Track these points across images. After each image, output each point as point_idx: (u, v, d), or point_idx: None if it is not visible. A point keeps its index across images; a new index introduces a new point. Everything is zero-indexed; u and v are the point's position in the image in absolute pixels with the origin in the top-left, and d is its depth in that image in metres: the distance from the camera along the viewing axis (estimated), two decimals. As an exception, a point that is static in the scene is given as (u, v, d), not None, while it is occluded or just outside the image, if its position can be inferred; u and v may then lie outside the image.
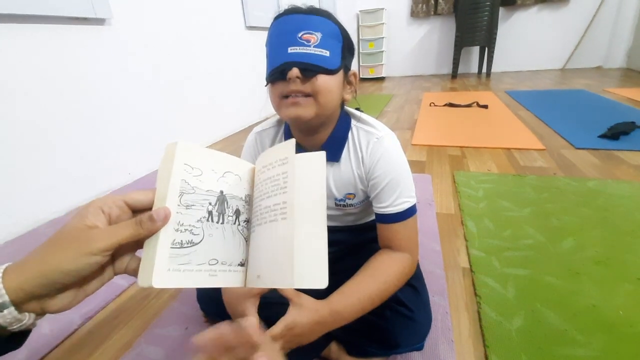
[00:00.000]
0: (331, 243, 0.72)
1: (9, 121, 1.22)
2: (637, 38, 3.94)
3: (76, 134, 1.45)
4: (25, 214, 1.30)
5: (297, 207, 0.34)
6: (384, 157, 0.57)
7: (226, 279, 0.35)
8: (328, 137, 0.59)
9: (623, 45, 4.14)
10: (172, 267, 0.30)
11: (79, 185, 1.48)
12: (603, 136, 1.86)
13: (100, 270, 0.30)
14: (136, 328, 0.82)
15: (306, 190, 0.37)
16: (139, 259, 0.31)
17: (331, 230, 0.68)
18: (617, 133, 1.82)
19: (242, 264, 0.37)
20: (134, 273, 0.31)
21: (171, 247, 0.31)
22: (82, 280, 0.29)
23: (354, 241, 0.71)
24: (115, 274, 0.32)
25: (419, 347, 0.64)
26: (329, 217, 0.66)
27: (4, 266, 0.27)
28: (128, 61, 1.68)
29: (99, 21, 1.52)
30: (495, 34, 4.23)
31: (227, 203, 0.36)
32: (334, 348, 0.66)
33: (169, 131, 1.97)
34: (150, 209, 0.31)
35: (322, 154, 0.38)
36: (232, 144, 2.30)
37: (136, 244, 0.32)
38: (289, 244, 0.34)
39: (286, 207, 0.35)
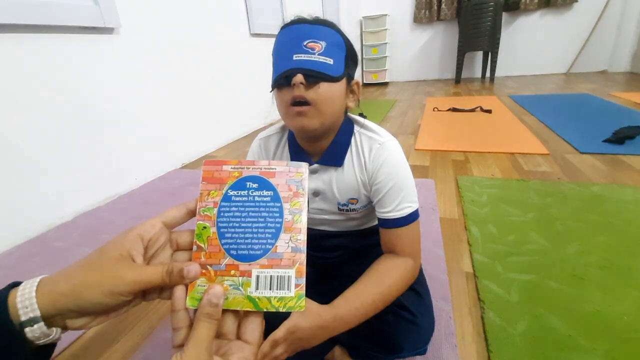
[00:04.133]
0: (334, 248, 0.73)
1: (17, 127, 1.25)
2: (642, 42, 3.93)
3: (83, 140, 1.48)
4: (33, 219, 1.32)
5: None
6: (387, 162, 0.58)
7: None
8: (331, 142, 0.60)
9: (628, 49, 4.12)
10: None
11: (86, 191, 1.50)
12: (608, 141, 1.85)
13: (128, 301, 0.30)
14: (142, 331, 0.83)
15: None
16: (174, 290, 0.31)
17: (334, 235, 0.69)
18: (622, 137, 1.81)
19: None
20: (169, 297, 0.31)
21: None
22: (109, 309, 0.30)
23: (356, 246, 0.71)
24: (146, 300, 0.32)
25: (422, 352, 0.64)
26: (332, 222, 0.67)
27: (37, 279, 0.27)
28: (135, 68, 1.71)
29: (108, 30, 1.56)
30: (499, 38, 4.23)
31: None
32: (337, 352, 0.67)
33: (174, 137, 2.00)
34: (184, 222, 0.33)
35: None
36: (236, 150, 2.32)
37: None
38: None
39: None
